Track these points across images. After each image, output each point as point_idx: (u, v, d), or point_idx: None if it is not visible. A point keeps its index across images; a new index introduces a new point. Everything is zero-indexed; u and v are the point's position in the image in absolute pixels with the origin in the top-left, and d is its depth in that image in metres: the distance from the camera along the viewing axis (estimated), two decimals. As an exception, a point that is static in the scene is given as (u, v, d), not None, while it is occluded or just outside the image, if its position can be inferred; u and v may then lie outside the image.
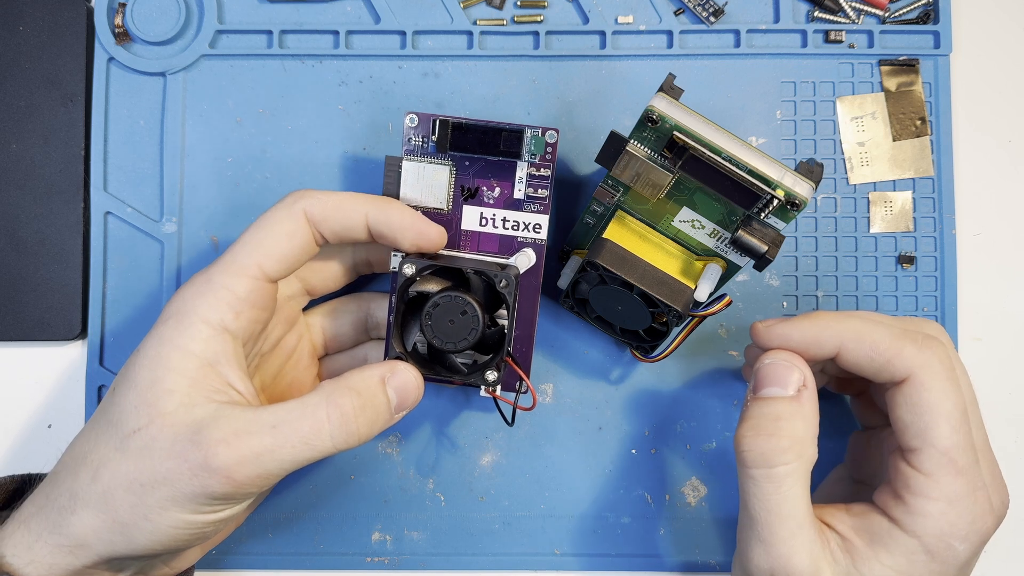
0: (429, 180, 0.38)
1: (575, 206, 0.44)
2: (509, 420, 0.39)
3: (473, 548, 0.43)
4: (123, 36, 0.43)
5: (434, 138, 0.37)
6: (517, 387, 0.39)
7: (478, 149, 0.37)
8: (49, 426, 0.44)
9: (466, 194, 0.38)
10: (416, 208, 0.38)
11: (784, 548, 0.33)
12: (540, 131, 0.37)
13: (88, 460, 0.33)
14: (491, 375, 0.37)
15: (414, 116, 0.38)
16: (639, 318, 0.38)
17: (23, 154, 0.43)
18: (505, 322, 0.37)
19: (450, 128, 0.37)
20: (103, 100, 0.43)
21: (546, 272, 0.39)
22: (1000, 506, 0.35)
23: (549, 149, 0.38)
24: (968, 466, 0.33)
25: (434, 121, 0.37)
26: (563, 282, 0.41)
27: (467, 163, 0.38)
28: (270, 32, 0.44)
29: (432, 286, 0.37)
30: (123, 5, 0.43)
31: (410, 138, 0.38)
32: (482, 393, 0.38)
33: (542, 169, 0.38)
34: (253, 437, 0.32)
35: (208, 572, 0.43)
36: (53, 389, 0.43)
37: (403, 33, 0.44)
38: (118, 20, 0.43)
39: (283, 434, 0.32)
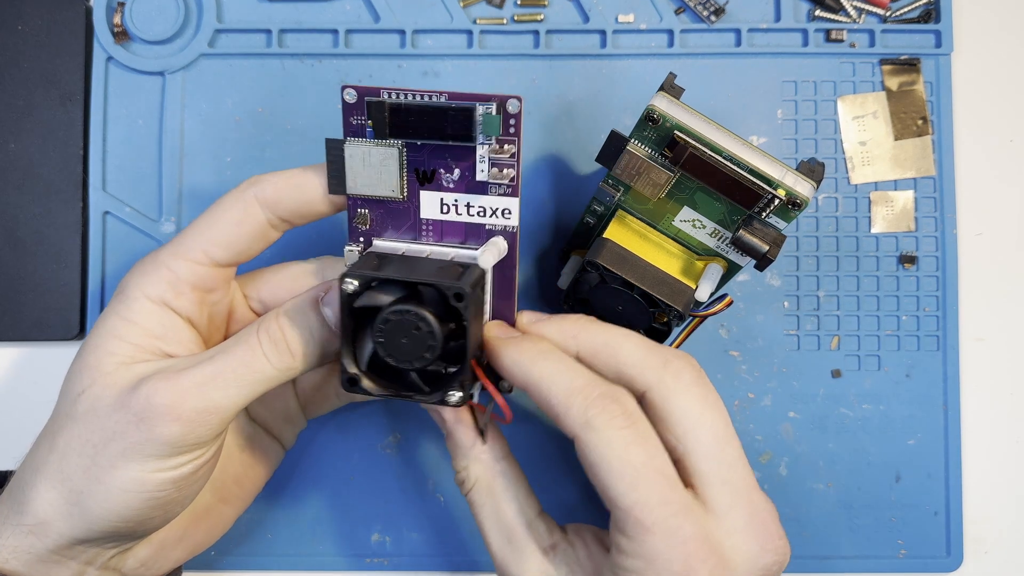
0: (377, 165, 0.33)
1: (575, 206, 0.43)
2: (482, 437, 0.35)
3: (473, 548, 0.43)
4: (122, 35, 0.43)
5: (370, 123, 0.32)
6: (490, 402, 0.35)
7: (423, 134, 0.32)
8: (48, 426, 0.44)
9: (421, 178, 0.33)
10: (368, 197, 0.34)
11: (499, 560, 0.35)
12: (494, 107, 0.31)
13: (46, 432, 0.34)
14: (453, 396, 0.32)
15: (352, 91, 0.32)
16: (640, 318, 0.38)
17: (21, 154, 0.43)
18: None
19: (387, 111, 0.31)
20: (102, 99, 0.43)
21: (546, 272, 0.39)
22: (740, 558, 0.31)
23: (512, 122, 0.31)
24: (659, 522, 0.30)
25: (367, 103, 0.31)
26: (563, 282, 0.40)
27: (418, 142, 0.32)
28: (269, 31, 0.43)
29: (384, 296, 0.32)
30: (122, 4, 0.43)
31: (351, 117, 0.32)
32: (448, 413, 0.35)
33: (506, 146, 0.32)
34: (193, 370, 0.32)
35: (207, 573, 0.43)
36: (51, 389, 0.43)
37: (403, 32, 0.44)
38: (117, 19, 0.43)
39: (221, 361, 0.32)
